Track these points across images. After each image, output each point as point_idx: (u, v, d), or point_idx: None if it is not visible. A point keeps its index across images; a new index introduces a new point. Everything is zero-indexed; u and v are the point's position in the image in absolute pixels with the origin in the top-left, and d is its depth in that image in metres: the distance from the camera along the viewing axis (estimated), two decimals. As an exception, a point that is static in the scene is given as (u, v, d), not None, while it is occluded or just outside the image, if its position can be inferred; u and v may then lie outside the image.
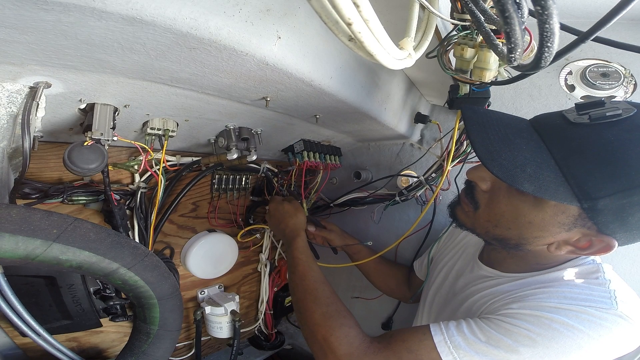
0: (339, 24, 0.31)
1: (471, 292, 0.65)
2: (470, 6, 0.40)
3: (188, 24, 0.37)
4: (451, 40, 0.56)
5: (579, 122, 0.48)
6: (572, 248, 0.52)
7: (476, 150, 0.50)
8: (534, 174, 0.47)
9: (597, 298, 0.50)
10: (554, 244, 0.53)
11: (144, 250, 0.50)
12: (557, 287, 0.53)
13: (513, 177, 0.47)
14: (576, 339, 0.46)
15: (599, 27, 0.32)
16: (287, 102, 0.67)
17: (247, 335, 1.22)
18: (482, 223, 0.59)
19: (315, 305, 0.64)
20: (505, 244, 0.57)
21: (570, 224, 0.49)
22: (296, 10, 0.48)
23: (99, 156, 0.55)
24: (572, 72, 0.83)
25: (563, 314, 0.48)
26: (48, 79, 0.48)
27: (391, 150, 1.11)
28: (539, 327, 0.48)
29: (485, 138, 0.51)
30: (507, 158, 0.48)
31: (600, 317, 0.47)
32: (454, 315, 0.65)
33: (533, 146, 0.49)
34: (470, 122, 0.53)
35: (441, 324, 0.54)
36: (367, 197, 1.04)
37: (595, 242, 0.50)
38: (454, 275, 0.75)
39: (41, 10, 0.32)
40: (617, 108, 0.46)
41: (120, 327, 0.85)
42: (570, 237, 0.51)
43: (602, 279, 0.53)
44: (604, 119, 0.46)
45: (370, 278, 1.03)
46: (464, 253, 0.78)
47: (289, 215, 0.88)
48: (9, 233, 0.36)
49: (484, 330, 0.51)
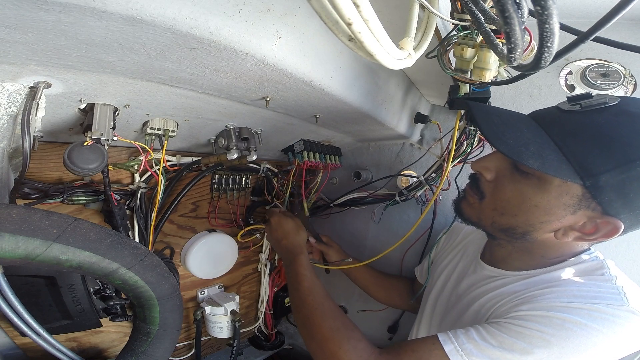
0: (339, 24, 0.31)
1: (477, 294, 0.64)
2: (470, 6, 0.40)
3: (188, 24, 0.37)
4: (451, 40, 0.56)
5: (572, 110, 0.51)
6: (578, 234, 0.52)
7: (483, 131, 0.53)
8: (537, 152, 0.49)
9: (606, 295, 0.50)
10: (561, 230, 0.53)
11: (144, 250, 0.50)
12: (565, 286, 0.53)
13: (518, 154, 0.49)
14: (590, 337, 0.46)
15: (599, 27, 0.32)
16: (287, 102, 0.67)
17: (247, 335, 1.22)
18: (488, 213, 0.59)
19: (322, 321, 0.64)
20: (512, 234, 0.57)
21: (575, 205, 0.50)
22: (296, 10, 0.48)
23: (99, 156, 0.55)
24: (572, 72, 0.83)
25: (575, 312, 0.48)
26: (48, 79, 0.48)
27: (391, 150, 1.11)
28: (552, 328, 0.48)
29: (489, 121, 0.54)
30: (511, 137, 0.51)
31: (612, 314, 0.47)
32: (460, 319, 0.64)
33: (533, 129, 0.53)
34: (475, 110, 0.57)
35: (449, 333, 0.53)
36: (367, 197, 1.04)
37: (601, 225, 0.50)
38: (455, 277, 0.74)
39: (41, 10, 0.32)
40: (604, 97, 0.50)
41: (120, 327, 0.85)
42: (576, 221, 0.52)
43: (607, 275, 0.53)
44: (593, 106, 0.50)
45: (371, 293, 1.01)
46: (465, 254, 0.77)
47: (292, 233, 0.88)
48: (9, 233, 0.36)
49: (494, 335, 0.50)
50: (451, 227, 0.89)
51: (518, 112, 0.58)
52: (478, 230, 0.68)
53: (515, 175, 0.55)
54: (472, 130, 0.76)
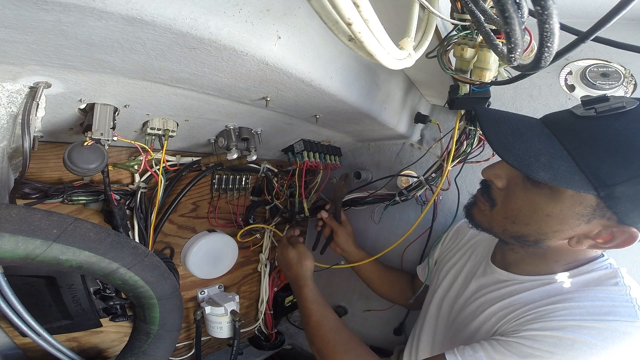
0: (339, 24, 0.31)
1: (487, 299, 0.63)
2: (470, 6, 0.40)
3: (188, 24, 0.37)
4: (451, 40, 0.56)
5: (587, 115, 0.49)
6: (593, 242, 0.51)
7: (491, 143, 0.52)
8: (548, 163, 0.47)
9: (619, 309, 0.49)
10: (574, 238, 0.52)
11: (144, 250, 0.50)
12: (578, 301, 0.52)
13: (528, 166, 0.48)
14: (598, 356, 0.46)
15: (599, 27, 0.32)
16: (287, 102, 0.67)
17: (247, 335, 1.22)
18: (500, 220, 0.58)
19: (335, 354, 0.66)
20: (524, 242, 0.57)
21: (589, 215, 0.49)
22: (296, 10, 0.48)
23: (99, 156, 0.55)
24: (572, 72, 0.83)
25: (585, 332, 0.48)
26: (48, 79, 0.48)
27: (391, 150, 1.11)
28: (562, 348, 0.48)
29: (498, 132, 0.52)
30: (520, 148, 0.49)
31: (623, 332, 0.47)
32: (470, 326, 0.63)
33: (544, 139, 0.50)
34: (483, 118, 0.55)
35: (456, 353, 0.53)
36: (367, 197, 1.04)
37: (617, 233, 0.49)
38: (463, 278, 0.73)
39: (41, 10, 0.32)
40: (621, 101, 0.47)
41: (120, 327, 0.85)
42: (590, 229, 0.50)
43: (621, 284, 0.52)
44: (610, 111, 0.47)
45: (372, 285, 1.01)
46: (473, 254, 0.76)
47: (294, 265, 0.89)
48: (9, 233, 0.36)
49: (504, 355, 0.50)
50: (457, 226, 0.88)
51: (529, 117, 0.56)
52: None
53: (527, 184, 0.54)
54: (472, 130, 0.76)
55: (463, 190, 0.92)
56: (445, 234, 0.90)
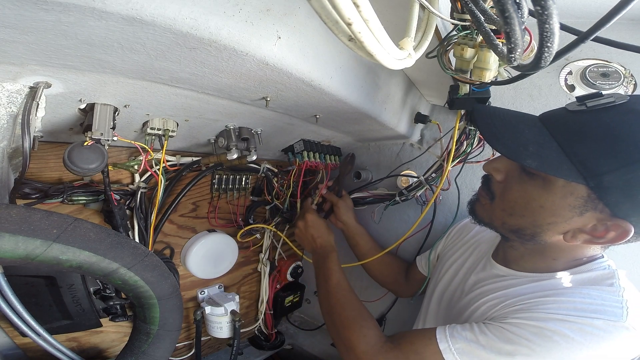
0: (339, 24, 0.31)
1: (483, 291, 0.65)
2: (470, 6, 0.40)
3: (188, 24, 0.37)
4: (451, 40, 0.56)
5: (578, 109, 0.51)
6: (588, 237, 0.52)
7: (482, 133, 0.56)
8: (536, 152, 0.50)
9: (607, 309, 0.50)
10: (569, 233, 0.53)
11: (144, 250, 0.50)
12: (570, 296, 0.53)
13: (516, 153, 0.50)
14: (574, 350, 0.48)
15: (599, 27, 0.32)
16: (287, 102, 0.67)
17: (247, 335, 1.22)
18: (498, 213, 0.60)
19: (343, 310, 0.72)
20: (522, 235, 0.58)
21: (581, 207, 0.50)
22: (296, 10, 0.48)
23: (99, 156, 0.55)
24: (572, 72, 0.83)
25: (567, 326, 0.49)
26: (48, 79, 0.48)
27: (391, 150, 1.11)
28: (540, 338, 0.49)
29: (490, 124, 0.55)
30: (510, 138, 0.52)
31: (604, 330, 0.48)
32: (463, 314, 0.66)
33: (536, 131, 0.53)
34: (478, 113, 0.58)
35: (446, 330, 0.56)
36: (367, 197, 1.04)
37: (611, 227, 0.50)
38: (464, 272, 0.75)
39: (41, 10, 0.32)
40: (611, 96, 0.49)
41: (120, 327, 0.85)
42: (584, 223, 0.51)
43: (616, 285, 0.53)
44: (599, 105, 0.49)
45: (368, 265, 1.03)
46: (476, 250, 0.78)
47: (326, 233, 0.94)
48: (9, 233, 0.36)
49: (486, 336, 0.53)
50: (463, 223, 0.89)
51: (525, 114, 0.58)
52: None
53: (522, 176, 0.56)
54: (472, 130, 0.76)
55: (463, 190, 0.92)
56: (450, 229, 0.90)
